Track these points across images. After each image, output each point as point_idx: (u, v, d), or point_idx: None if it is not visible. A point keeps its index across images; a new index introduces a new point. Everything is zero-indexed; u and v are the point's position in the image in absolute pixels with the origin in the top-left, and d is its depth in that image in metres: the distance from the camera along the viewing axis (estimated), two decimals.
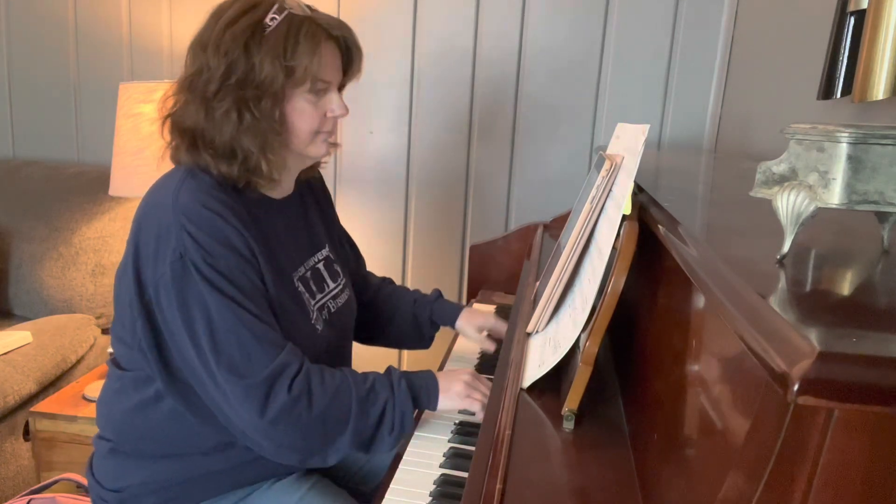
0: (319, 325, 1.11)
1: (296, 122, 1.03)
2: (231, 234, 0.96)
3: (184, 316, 0.94)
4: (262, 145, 1.00)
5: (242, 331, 0.93)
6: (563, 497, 0.74)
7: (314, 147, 1.08)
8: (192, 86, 1.01)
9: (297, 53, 0.98)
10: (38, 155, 2.43)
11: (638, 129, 0.96)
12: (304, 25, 0.99)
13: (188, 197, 0.96)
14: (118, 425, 1.08)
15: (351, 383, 1.00)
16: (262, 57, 0.97)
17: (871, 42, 1.07)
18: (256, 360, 0.94)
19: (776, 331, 0.44)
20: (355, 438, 0.99)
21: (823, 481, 0.41)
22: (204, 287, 0.93)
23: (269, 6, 0.99)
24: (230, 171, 1.00)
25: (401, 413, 1.01)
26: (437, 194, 2.25)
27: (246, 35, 0.98)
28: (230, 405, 0.95)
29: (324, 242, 1.21)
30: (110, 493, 1.07)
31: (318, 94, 1.04)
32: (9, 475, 1.68)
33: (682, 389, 0.69)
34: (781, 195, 0.58)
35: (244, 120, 0.99)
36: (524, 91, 2.14)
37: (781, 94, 1.64)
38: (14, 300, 2.17)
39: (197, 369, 0.95)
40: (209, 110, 0.99)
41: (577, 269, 1.05)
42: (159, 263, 0.94)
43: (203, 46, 1.01)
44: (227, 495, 1.08)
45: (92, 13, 2.31)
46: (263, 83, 0.98)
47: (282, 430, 0.95)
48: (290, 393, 0.94)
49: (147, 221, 0.98)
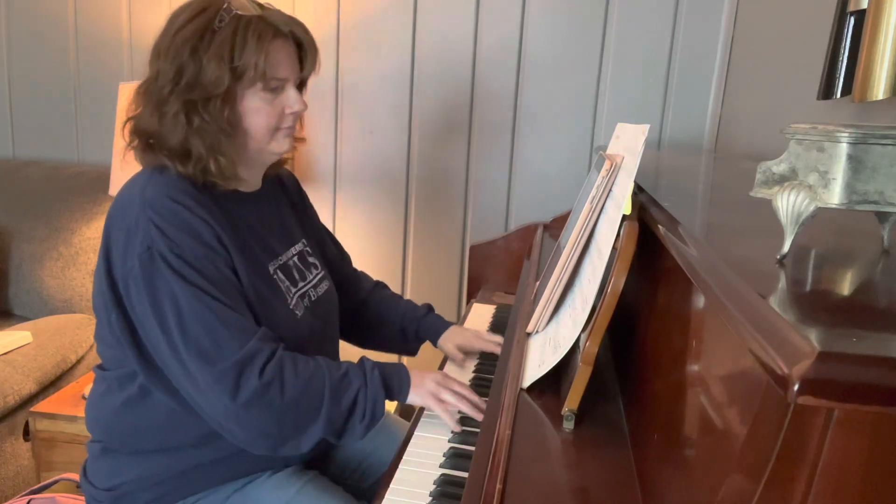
0: (300, 311, 1.12)
1: (252, 121, 1.04)
2: (198, 224, 0.97)
3: (153, 306, 0.95)
4: (210, 146, 1.01)
5: (211, 318, 0.94)
6: (563, 497, 0.74)
7: (276, 143, 1.09)
8: (148, 91, 1.03)
9: (245, 53, 0.99)
10: (38, 155, 2.43)
11: (638, 129, 0.96)
12: (252, 25, 1.00)
13: (155, 191, 0.98)
14: (108, 425, 1.08)
15: (325, 371, 1.00)
16: (208, 59, 0.99)
17: (871, 42, 1.08)
18: (226, 346, 0.94)
19: (776, 331, 0.44)
20: (328, 425, 0.99)
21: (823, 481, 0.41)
22: (171, 277, 0.94)
23: (217, 8, 1.01)
24: (186, 170, 1.02)
25: (373, 401, 1.01)
26: (437, 194, 2.25)
27: (194, 39, 0.99)
28: (201, 392, 0.95)
29: (298, 237, 1.22)
30: (104, 492, 1.07)
31: (273, 92, 1.05)
32: (9, 475, 1.68)
33: (682, 389, 0.69)
34: (781, 195, 0.58)
35: (193, 122, 1.01)
36: (524, 91, 2.14)
37: (781, 94, 1.64)
38: (14, 300, 2.17)
39: (167, 359, 0.96)
40: (161, 114, 1.01)
41: (577, 269, 1.05)
42: (128, 257, 0.96)
43: (157, 52, 1.03)
44: (221, 488, 1.08)
45: (92, 13, 2.31)
46: (210, 85, 0.99)
47: (254, 414, 0.95)
48: (262, 378, 0.94)
49: (116, 218, 1.00)
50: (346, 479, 1.24)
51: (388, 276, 2.29)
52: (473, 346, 1.36)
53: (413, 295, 2.31)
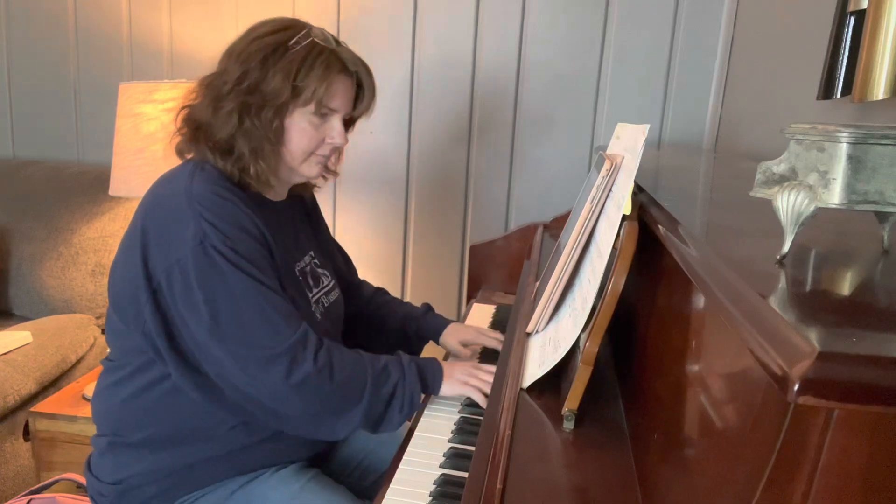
0: (318, 314, 1.16)
1: (293, 138, 1.09)
2: (245, 219, 1.02)
3: (206, 297, 0.97)
4: (254, 149, 1.06)
5: (268, 307, 0.99)
6: (563, 497, 0.74)
7: (307, 166, 1.13)
8: (211, 84, 1.08)
9: (309, 77, 1.05)
10: (38, 155, 2.43)
11: (638, 130, 0.96)
12: (324, 55, 1.06)
13: (202, 186, 1.02)
14: (116, 417, 1.09)
15: (366, 360, 1.06)
16: (275, 71, 1.04)
17: (871, 42, 1.07)
18: (283, 331, 0.99)
19: (776, 331, 0.44)
20: (367, 413, 1.04)
21: (823, 481, 0.41)
22: (227, 269, 0.97)
23: (297, 31, 1.07)
24: (225, 165, 1.06)
25: (410, 393, 1.07)
26: (437, 194, 2.25)
27: (268, 50, 1.05)
28: (251, 376, 0.99)
29: (310, 248, 1.25)
30: (109, 486, 1.08)
31: (322, 118, 1.10)
32: (9, 475, 1.68)
33: (682, 389, 0.69)
34: (781, 195, 0.58)
35: (244, 123, 1.05)
36: (524, 91, 2.14)
37: (781, 94, 1.64)
38: (14, 300, 2.17)
39: (213, 348, 0.98)
40: (217, 108, 1.06)
41: (577, 269, 1.05)
42: (173, 250, 0.98)
43: (230, 53, 1.08)
44: (226, 483, 1.09)
45: (92, 13, 2.31)
46: (269, 94, 1.04)
47: (303, 395, 1.00)
48: (316, 363, 1.00)
49: (157, 211, 1.03)
50: (347, 477, 1.25)
51: (388, 276, 2.29)
52: (476, 341, 1.36)
53: (413, 295, 2.31)
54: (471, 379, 1.12)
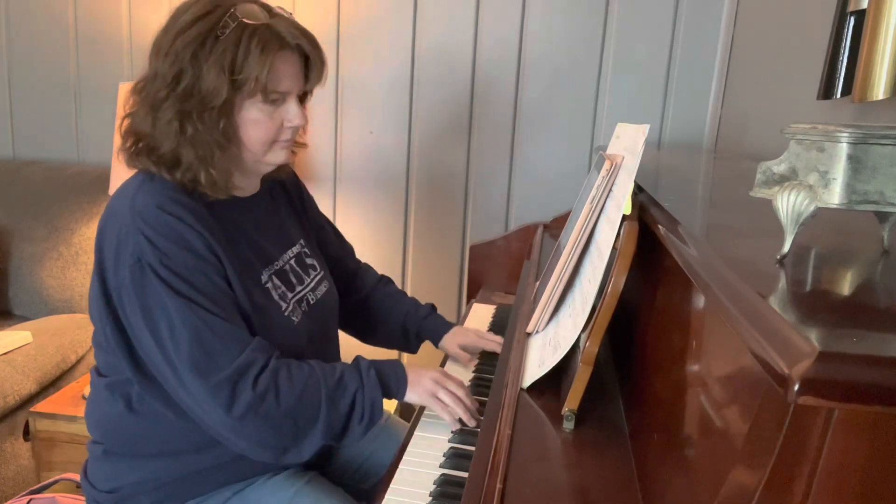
0: (296, 316, 1.10)
1: (249, 133, 1.01)
2: (189, 234, 0.95)
3: (146, 319, 0.94)
4: (203, 157, 0.98)
5: (203, 330, 0.93)
6: (563, 497, 0.74)
7: (272, 155, 1.06)
8: (144, 90, 1.00)
9: (247, 65, 0.95)
10: (38, 155, 2.43)
11: (638, 129, 0.96)
12: (257, 34, 0.96)
13: (145, 200, 0.96)
14: (107, 429, 1.08)
15: (319, 376, 0.99)
16: (208, 68, 0.95)
17: (871, 42, 1.07)
18: (219, 359, 0.93)
19: (776, 331, 0.44)
20: (327, 431, 0.98)
21: (823, 481, 0.41)
22: (162, 288, 0.92)
23: (223, 12, 0.96)
24: (173, 178, 0.99)
25: (371, 402, 1.00)
26: (437, 194, 2.25)
27: (195, 44, 0.95)
28: (198, 405, 0.95)
29: (297, 238, 1.20)
30: (105, 494, 1.07)
31: (273, 104, 1.01)
32: (9, 475, 1.68)
33: (682, 389, 0.69)
34: (781, 195, 0.58)
35: (186, 131, 0.97)
36: (524, 91, 2.14)
37: (781, 94, 1.64)
38: (14, 300, 2.17)
39: (163, 371, 0.95)
40: (155, 118, 0.98)
41: (577, 269, 1.05)
42: (119, 268, 0.94)
43: (157, 50, 0.99)
44: (220, 491, 1.08)
45: (92, 13, 2.31)
46: (208, 95, 0.95)
47: (251, 426, 0.94)
48: (256, 389, 0.93)
49: (107, 228, 0.97)
50: (347, 480, 1.24)
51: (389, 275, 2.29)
52: (476, 345, 1.35)
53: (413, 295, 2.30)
54: (439, 392, 1.07)
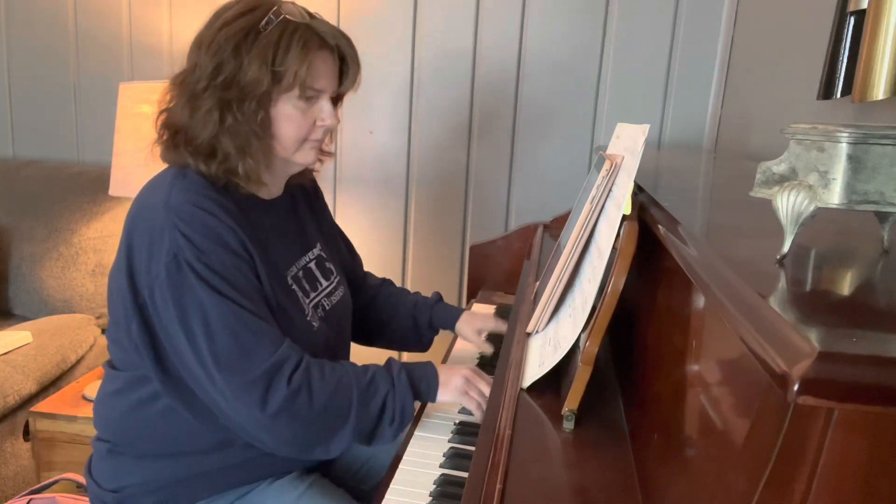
0: (315, 322, 1.11)
1: (282, 127, 1.03)
2: (224, 231, 0.97)
3: (180, 315, 0.94)
4: (241, 147, 1.00)
5: (240, 328, 0.94)
6: (563, 497, 0.74)
7: (301, 154, 1.07)
8: (184, 83, 1.02)
9: (287, 59, 0.98)
10: (38, 155, 2.43)
11: (638, 129, 0.96)
12: (299, 32, 0.99)
13: (179, 197, 0.97)
14: (116, 426, 1.08)
15: (352, 376, 1.00)
16: (250, 59, 0.97)
17: (871, 42, 1.07)
18: (255, 356, 0.94)
19: (776, 331, 0.44)
20: (357, 431, 0.99)
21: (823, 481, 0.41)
22: (199, 286, 0.93)
23: (266, 10, 0.99)
24: (208, 170, 1.00)
25: (401, 405, 1.01)
26: (437, 194, 2.25)
27: (238, 37, 0.98)
28: (228, 402, 0.95)
29: (315, 242, 1.21)
30: (109, 493, 1.07)
31: (308, 102, 1.03)
32: (9, 475, 1.68)
33: (681, 389, 0.69)
34: (781, 195, 0.58)
35: (225, 121, 0.99)
36: (524, 91, 2.14)
37: (781, 94, 1.64)
38: (14, 300, 2.17)
39: (194, 369, 0.95)
40: (193, 108, 1.00)
41: (577, 269, 1.05)
42: (153, 264, 0.95)
43: (199, 44, 1.01)
44: (224, 494, 1.08)
45: (92, 13, 2.31)
46: (248, 86, 0.98)
47: (283, 423, 0.95)
48: (290, 386, 0.94)
49: (139, 224, 0.98)
50: (348, 481, 1.24)
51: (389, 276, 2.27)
52: (494, 327, 1.35)
53: None
54: (471, 389, 1.07)
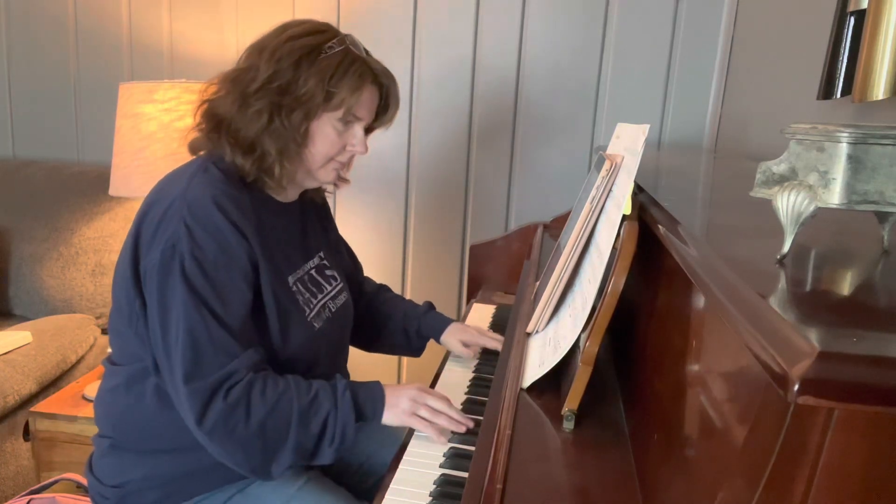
0: (318, 322, 1.13)
1: (317, 142, 1.08)
2: (228, 231, 0.99)
3: (160, 304, 0.96)
4: (280, 150, 1.05)
5: (201, 334, 0.95)
6: (563, 497, 0.74)
7: (324, 172, 1.13)
8: (237, 80, 1.06)
9: (342, 84, 1.05)
10: (38, 155, 2.43)
11: (638, 129, 0.96)
12: (357, 64, 1.06)
13: (197, 190, 1.00)
14: (117, 422, 1.09)
15: (293, 394, 0.99)
16: (309, 75, 1.03)
17: (871, 42, 1.07)
18: (205, 367, 0.95)
19: (776, 331, 0.44)
20: (297, 451, 0.98)
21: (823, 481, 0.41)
22: (181, 281, 0.95)
23: (332, 36, 1.07)
24: (244, 163, 1.05)
25: (342, 426, 1.00)
26: (437, 194, 2.25)
27: (302, 52, 1.04)
28: (179, 404, 0.97)
29: (319, 249, 1.24)
30: (111, 489, 1.08)
31: (346, 125, 1.09)
32: (9, 475, 1.68)
33: (682, 389, 0.69)
34: (781, 195, 0.58)
35: (273, 123, 1.04)
36: (524, 91, 2.14)
37: (781, 94, 1.64)
38: (14, 300, 2.16)
39: (162, 361, 0.98)
40: (244, 105, 1.04)
41: (577, 269, 1.05)
42: (153, 248, 0.97)
43: (261, 50, 1.06)
44: (225, 488, 1.09)
45: (92, 13, 2.31)
46: (302, 97, 1.04)
47: (218, 438, 0.96)
48: (227, 401, 0.95)
49: (152, 210, 1.01)
50: (348, 479, 1.24)
51: (389, 276, 2.29)
52: (477, 342, 1.36)
53: (413, 295, 2.30)
54: (419, 409, 1.05)
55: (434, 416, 1.05)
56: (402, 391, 1.07)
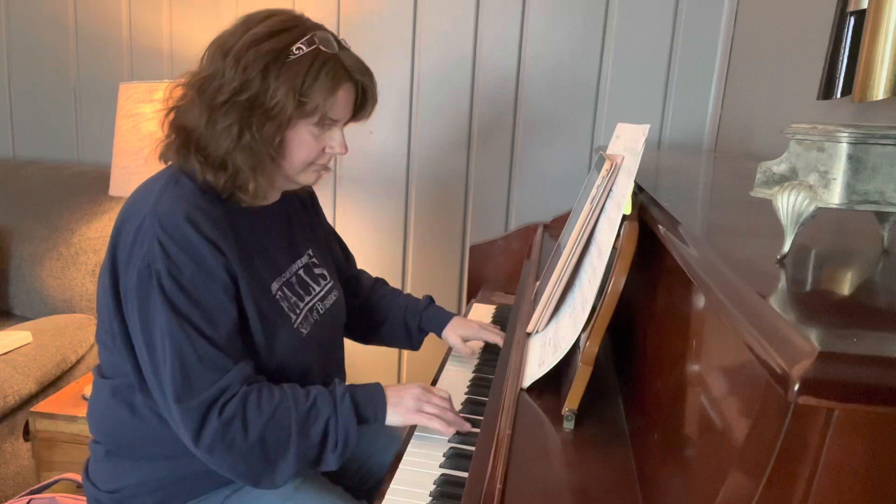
0: (306, 328, 1.10)
1: (294, 150, 1.04)
2: (203, 247, 0.95)
3: (142, 324, 0.94)
4: (254, 166, 1.00)
5: (188, 350, 0.93)
6: (563, 497, 0.74)
7: (304, 175, 1.08)
8: (202, 88, 1.00)
9: (314, 89, 0.98)
10: (38, 155, 2.43)
11: (638, 130, 0.96)
12: (328, 64, 1.00)
13: (167, 205, 0.96)
14: (109, 431, 1.08)
15: (291, 403, 0.98)
16: (278, 84, 0.97)
17: (871, 42, 1.07)
18: (196, 384, 0.93)
19: (776, 331, 0.44)
20: (299, 459, 0.97)
21: (823, 481, 0.41)
22: (161, 300, 0.92)
23: (299, 35, 1.00)
24: (216, 181, 1.00)
25: (344, 430, 0.98)
26: (437, 194, 2.25)
27: (268, 58, 0.97)
28: (175, 425, 0.96)
29: (306, 247, 1.21)
30: (107, 494, 1.07)
31: (322, 128, 1.04)
32: (9, 475, 1.68)
33: (682, 389, 0.69)
34: (781, 195, 0.58)
35: (243, 138, 0.98)
36: (524, 91, 2.14)
37: (781, 94, 1.64)
38: (14, 300, 2.17)
39: (151, 380, 0.96)
40: (211, 119, 0.99)
41: (577, 269, 1.05)
42: (130, 268, 0.95)
43: (224, 52, 1.00)
44: (221, 489, 1.08)
45: (92, 13, 2.31)
46: (272, 109, 0.98)
47: (218, 455, 0.94)
48: (222, 418, 0.93)
49: (126, 227, 0.98)
50: (347, 480, 1.24)
51: (389, 276, 2.28)
52: (478, 336, 1.35)
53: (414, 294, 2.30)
54: (425, 406, 1.04)
55: (441, 412, 1.05)
56: (406, 390, 1.06)
